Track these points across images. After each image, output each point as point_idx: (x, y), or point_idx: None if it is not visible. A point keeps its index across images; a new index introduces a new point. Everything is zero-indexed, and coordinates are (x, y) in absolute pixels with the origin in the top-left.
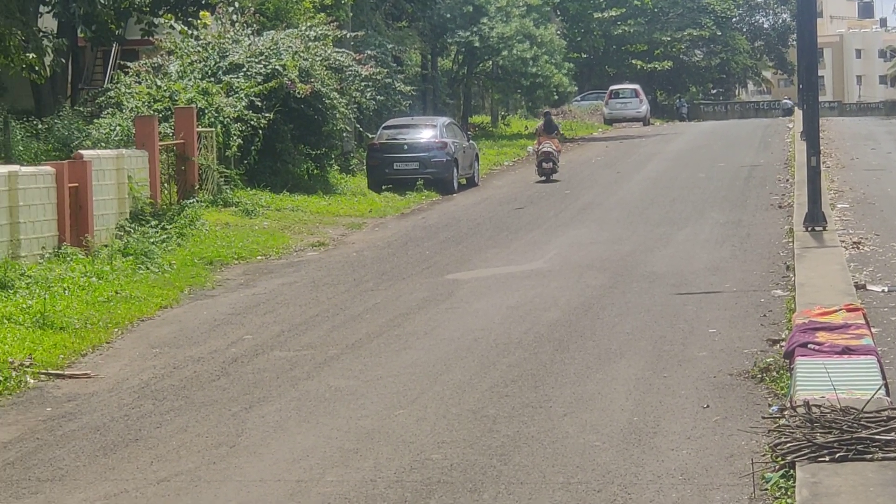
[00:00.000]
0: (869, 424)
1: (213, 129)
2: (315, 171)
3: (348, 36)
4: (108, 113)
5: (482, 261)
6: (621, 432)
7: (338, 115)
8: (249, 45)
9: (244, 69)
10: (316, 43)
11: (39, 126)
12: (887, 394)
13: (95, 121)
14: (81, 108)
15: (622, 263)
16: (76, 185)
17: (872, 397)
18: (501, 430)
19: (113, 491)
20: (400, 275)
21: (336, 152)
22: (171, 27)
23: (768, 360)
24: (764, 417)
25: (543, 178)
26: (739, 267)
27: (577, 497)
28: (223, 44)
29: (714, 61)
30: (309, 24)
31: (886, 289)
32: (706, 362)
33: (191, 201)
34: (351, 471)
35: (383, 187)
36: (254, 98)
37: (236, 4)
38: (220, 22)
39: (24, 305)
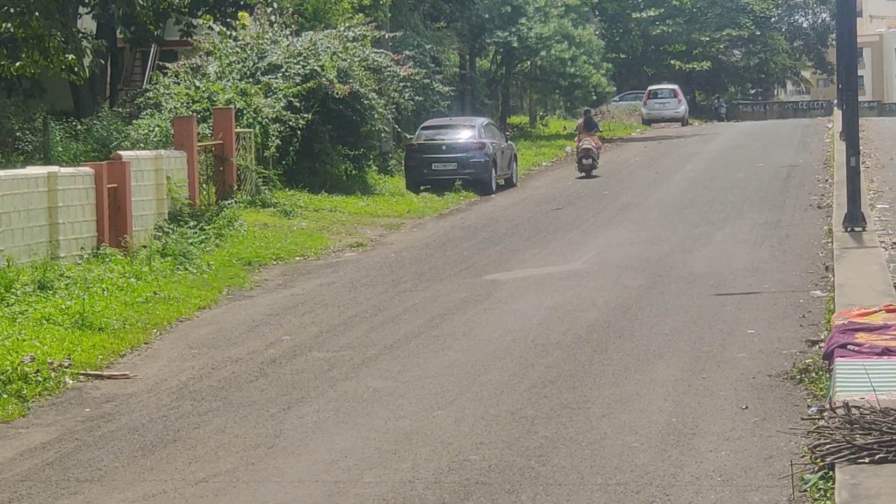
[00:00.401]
0: None
1: (252, 129)
2: (353, 171)
3: (387, 36)
4: (146, 114)
5: (520, 261)
6: (660, 433)
7: (376, 116)
8: (288, 45)
9: (283, 70)
10: (354, 43)
11: (78, 127)
12: None
13: (134, 121)
14: (120, 109)
15: (661, 264)
16: (115, 185)
17: None
18: (540, 431)
19: (151, 492)
20: (438, 275)
21: (374, 153)
22: (210, 28)
23: (807, 361)
24: (803, 419)
25: (583, 174)
26: (778, 267)
27: (615, 498)
28: (262, 44)
29: (753, 61)
30: (347, 24)
31: None
32: (745, 363)
33: (229, 202)
34: (389, 472)
35: (421, 188)
36: (292, 99)
37: (275, 5)
38: (258, 23)
39: (63, 306)
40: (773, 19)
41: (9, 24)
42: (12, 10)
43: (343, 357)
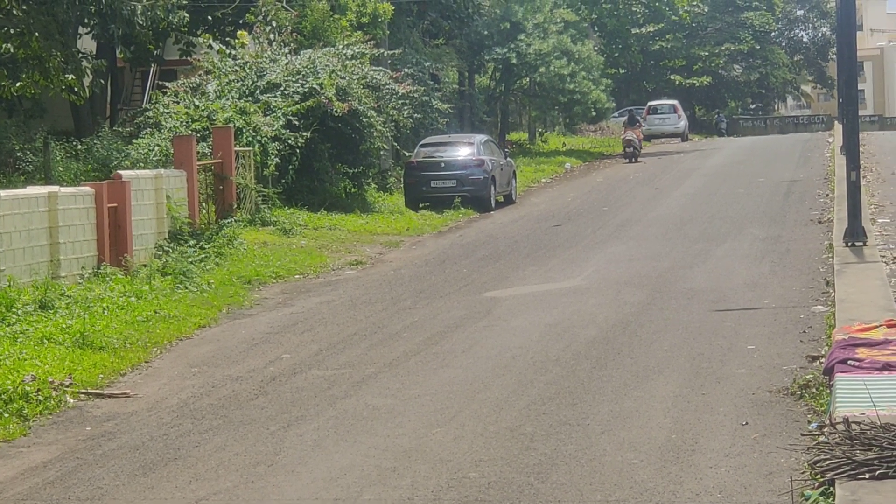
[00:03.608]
0: None
1: (251, 148)
2: (352, 189)
3: (385, 54)
4: (146, 133)
5: (520, 278)
6: (659, 450)
7: (375, 134)
8: (287, 64)
9: (281, 88)
10: (353, 61)
11: (79, 147)
12: None
13: (134, 141)
14: (120, 129)
15: (660, 280)
16: (115, 205)
17: None
18: (539, 447)
19: None
20: (437, 293)
21: (373, 170)
22: (209, 47)
23: (808, 377)
24: (803, 435)
25: (627, 160)
26: (779, 283)
27: None
28: (261, 63)
29: (753, 76)
30: (346, 42)
31: None
32: (745, 379)
33: (229, 220)
34: (388, 489)
35: (420, 205)
36: (291, 117)
37: (274, 24)
38: (257, 41)
39: (64, 325)
40: (773, 34)
41: (9, 45)
42: (12, 31)
43: (343, 375)
